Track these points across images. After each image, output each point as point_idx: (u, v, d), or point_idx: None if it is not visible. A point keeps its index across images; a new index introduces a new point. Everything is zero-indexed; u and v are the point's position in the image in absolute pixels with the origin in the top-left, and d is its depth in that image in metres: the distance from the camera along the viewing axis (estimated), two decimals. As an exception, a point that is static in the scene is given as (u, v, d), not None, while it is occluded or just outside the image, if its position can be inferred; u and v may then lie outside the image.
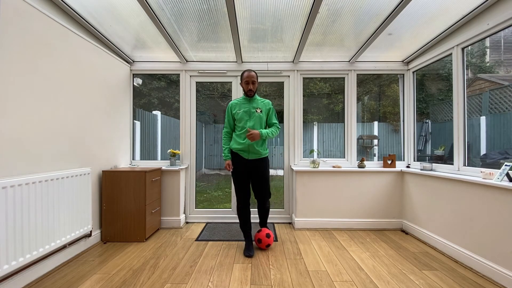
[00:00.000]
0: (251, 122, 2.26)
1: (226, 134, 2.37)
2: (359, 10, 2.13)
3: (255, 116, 2.28)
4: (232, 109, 2.33)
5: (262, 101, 2.36)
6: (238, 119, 2.28)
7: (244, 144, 2.24)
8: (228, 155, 2.32)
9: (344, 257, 2.19)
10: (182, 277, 1.85)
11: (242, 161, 2.28)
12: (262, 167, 2.30)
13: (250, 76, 2.24)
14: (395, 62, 3.09)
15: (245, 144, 2.24)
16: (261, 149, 2.28)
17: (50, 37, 1.92)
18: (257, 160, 2.29)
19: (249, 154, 2.27)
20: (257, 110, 2.29)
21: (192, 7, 2.12)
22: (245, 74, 2.26)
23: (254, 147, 2.24)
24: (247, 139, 2.21)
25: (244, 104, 2.31)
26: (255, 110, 2.28)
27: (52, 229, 1.87)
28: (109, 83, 2.67)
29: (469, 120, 2.66)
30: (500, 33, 2.67)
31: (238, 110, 2.29)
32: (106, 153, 2.63)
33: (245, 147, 2.24)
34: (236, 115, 2.29)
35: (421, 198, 2.60)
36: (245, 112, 2.28)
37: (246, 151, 2.26)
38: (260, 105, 2.32)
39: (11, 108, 1.62)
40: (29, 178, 1.67)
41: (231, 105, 2.35)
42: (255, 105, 2.31)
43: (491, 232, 1.85)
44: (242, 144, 2.25)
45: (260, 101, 2.35)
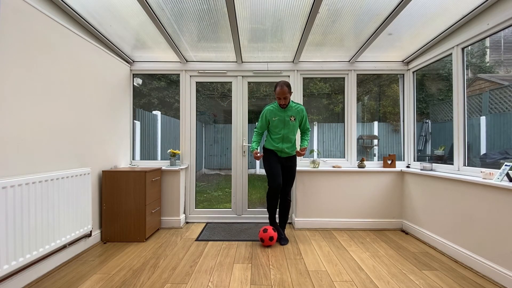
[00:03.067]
0: (285, 129, 2.47)
1: (257, 133, 2.58)
2: (359, 10, 2.13)
3: (290, 125, 2.46)
4: (268, 116, 2.50)
5: (296, 107, 2.48)
6: (273, 125, 2.49)
7: (278, 147, 2.51)
8: (255, 147, 2.54)
9: (344, 257, 2.19)
10: (182, 277, 1.85)
11: (277, 156, 2.55)
12: (291, 162, 2.58)
13: (282, 93, 2.35)
14: (395, 62, 3.09)
15: (279, 147, 2.51)
16: (291, 151, 2.55)
17: (50, 37, 1.92)
18: (288, 158, 2.56)
19: (281, 153, 2.54)
20: (291, 119, 2.45)
21: (192, 7, 2.12)
22: (277, 90, 2.36)
23: (286, 150, 2.51)
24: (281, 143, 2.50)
25: (279, 112, 2.47)
26: (289, 119, 2.45)
27: (52, 229, 1.87)
28: (109, 83, 2.67)
29: (469, 120, 2.66)
30: (500, 33, 2.67)
31: (274, 118, 2.47)
32: (106, 153, 2.63)
33: (279, 149, 2.52)
34: (272, 122, 2.49)
35: (421, 198, 2.60)
36: (280, 120, 2.46)
37: (280, 151, 2.53)
38: (294, 113, 2.47)
39: (11, 108, 1.62)
40: (29, 178, 1.67)
41: (267, 111, 2.50)
42: (290, 113, 2.46)
43: (491, 232, 1.85)
44: (276, 147, 2.52)
45: (294, 108, 2.47)
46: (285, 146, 2.49)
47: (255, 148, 2.54)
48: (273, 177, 2.46)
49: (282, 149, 2.49)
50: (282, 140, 2.49)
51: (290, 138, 2.49)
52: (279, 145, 2.49)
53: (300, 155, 2.47)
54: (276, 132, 2.49)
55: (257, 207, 3.33)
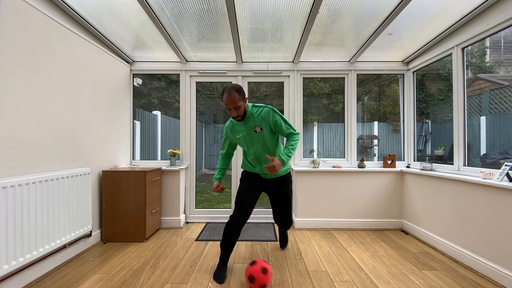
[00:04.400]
0: (254, 146, 1.84)
1: (222, 156, 2.03)
2: (359, 10, 2.13)
3: (257, 138, 1.82)
4: (229, 134, 1.93)
5: (258, 113, 1.81)
6: (241, 144, 1.93)
7: (255, 169, 1.92)
8: (218, 177, 1.96)
9: (344, 257, 2.19)
10: (182, 277, 1.85)
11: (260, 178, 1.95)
12: (283, 186, 1.92)
13: (230, 102, 1.67)
14: (395, 62, 3.09)
15: (257, 171, 1.92)
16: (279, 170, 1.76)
17: (50, 37, 1.92)
18: (276, 179, 1.93)
19: (266, 175, 1.93)
20: (256, 130, 1.81)
21: (192, 7, 2.12)
22: (224, 98, 1.69)
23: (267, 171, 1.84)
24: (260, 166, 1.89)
25: (238, 127, 1.85)
26: (254, 131, 1.81)
27: (52, 229, 1.87)
28: (109, 83, 2.67)
29: (469, 120, 2.66)
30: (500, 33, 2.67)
31: (237, 135, 1.87)
32: (106, 153, 2.63)
33: (258, 170, 1.91)
34: (236, 140, 1.93)
35: (421, 198, 2.60)
36: (243, 136, 1.85)
37: (261, 174, 1.92)
38: (258, 121, 1.81)
39: (11, 108, 1.62)
40: (29, 178, 1.67)
41: (226, 129, 1.94)
42: (252, 123, 1.81)
43: (491, 232, 1.85)
44: (254, 169, 1.93)
45: (256, 115, 1.81)
46: (263, 167, 1.88)
47: (220, 179, 1.95)
48: (237, 204, 1.85)
49: (262, 169, 1.90)
50: (258, 161, 1.89)
51: (265, 155, 1.83)
52: (256, 168, 1.92)
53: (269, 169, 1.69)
54: (246, 152, 1.96)
55: (257, 207, 3.33)
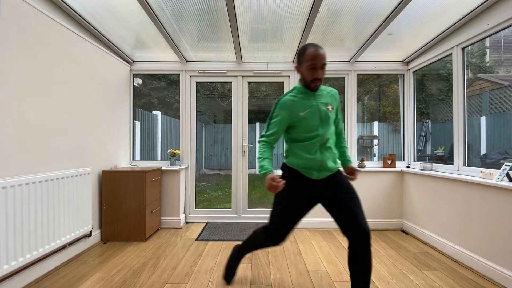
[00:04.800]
0: (323, 127, 1.43)
1: (266, 145, 1.45)
2: (359, 10, 2.13)
3: (329, 119, 1.44)
4: (290, 111, 1.42)
5: (328, 91, 1.51)
6: (302, 125, 1.43)
7: (314, 160, 1.41)
8: (270, 168, 1.39)
9: (344, 257, 2.19)
10: (182, 277, 1.85)
11: (306, 183, 1.44)
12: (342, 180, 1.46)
13: (320, 57, 1.34)
14: (395, 62, 3.09)
15: (317, 160, 1.41)
16: (335, 163, 1.47)
17: (50, 37, 1.92)
18: (330, 177, 1.46)
19: (319, 173, 1.44)
20: (328, 108, 1.45)
21: (192, 7, 2.12)
22: (309, 53, 1.35)
23: (327, 165, 1.42)
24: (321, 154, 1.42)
25: (306, 100, 1.43)
26: (326, 109, 1.44)
27: (52, 229, 1.87)
28: (109, 83, 2.67)
29: (469, 120, 2.66)
30: (500, 33, 2.68)
31: (302, 112, 1.42)
32: (106, 153, 2.63)
33: (316, 164, 1.42)
34: (299, 120, 1.42)
35: (421, 198, 2.60)
36: (312, 113, 1.42)
37: (316, 169, 1.43)
38: (328, 99, 1.47)
39: (11, 107, 1.62)
40: (29, 178, 1.67)
41: (287, 103, 1.43)
42: (323, 99, 1.45)
43: (491, 232, 1.85)
44: (312, 161, 1.42)
45: (325, 91, 1.50)
46: (325, 156, 1.42)
47: (270, 170, 1.37)
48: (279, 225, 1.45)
49: (322, 162, 1.41)
50: (320, 147, 1.43)
51: (332, 142, 1.47)
52: (316, 156, 1.41)
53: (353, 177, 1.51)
54: (306, 136, 1.43)
55: (257, 207, 3.33)
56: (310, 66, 1.35)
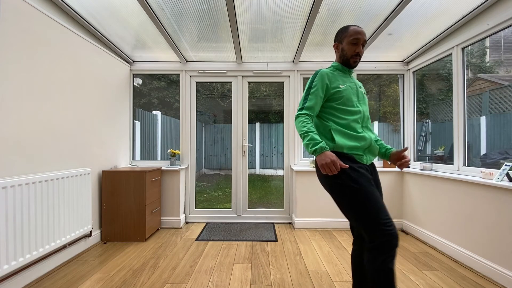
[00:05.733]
0: (363, 105, 1.37)
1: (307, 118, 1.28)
2: (359, 10, 2.13)
3: (364, 99, 1.42)
4: (331, 81, 1.34)
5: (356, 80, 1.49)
6: (341, 98, 1.32)
7: (364, 138, 1.30)
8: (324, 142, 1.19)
9: (344, 257, 2.19)
10: (182, 277, 1.85)
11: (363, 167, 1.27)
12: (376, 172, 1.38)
13: (363, 33, 1.34)
14: (395, 62, 3.09)
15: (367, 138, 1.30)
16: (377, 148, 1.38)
17: (50, 37, 1.92)
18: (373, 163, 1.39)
19: (367, 157, 1.32)
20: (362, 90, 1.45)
21: (192, 7, 2.12)
22: (352, 29, 1.34)
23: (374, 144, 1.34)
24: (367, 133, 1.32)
25: (344, 78, 1.39)
26: (360, 89, 1.43)
27: (52, 229, 1.87)
28: (109, 83, 2.67)
29: (469, 120, 2.66)
30: (500, 33, 2.67)
31: (341, 85, 1.34)
32: (106, 153, 2.63)
33: (366, 144, 1.30)
34: (338, 91, 1.33)
35: (421, 198, 2.60)
36: (351, 88, 1.37)
37: (368, 151, 1.32)
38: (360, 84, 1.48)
39: (11, 107, 1.62)
40: (29, 178, 1.67)
41: (326, 74, 1.35)
42: (357, 82, 1.46)
43: (491, 232, 1.85)
44: (362, 139, 1.29)
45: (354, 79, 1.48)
46: (372, 135, 1.35)
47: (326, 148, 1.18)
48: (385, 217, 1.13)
49: (370, 141, 1.31)
50: (362, 124, 1.34)
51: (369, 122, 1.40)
52: (362, 133, 1.31)
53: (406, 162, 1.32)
54: (347, 110, 1.31)
55: (257, 207, 3.33)
56: (353, 41, 1.33)
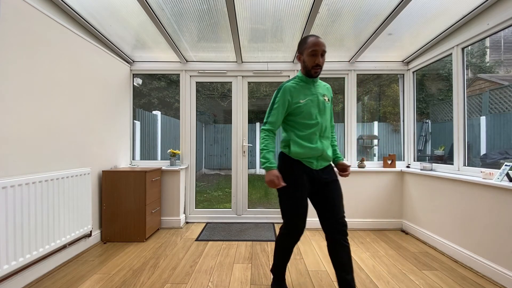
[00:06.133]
0: (322, 116, 1.48)
1: (269, 133, 1.48)
2: (359, 10, 2.13)
3: (325, 108, 1.50)
4: (292, 97, 1.45)
5: (323, 84, 1.59)
6: (302, 112, 1.45)
7: (316, 149, 1.45)
8: (274, 163, 1.42)
9: (344, 257, 2.19)
10: (182, 277, 1.85)
11: (307, 173, 1.48)
12: (333, 174, 1.52)
13: (320, 44, 1.40)
14: (395, 62, 3.09)
15: (319, 149, 1.46)
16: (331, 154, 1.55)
17: (50, 37, 1.92)
18: (325, 168, 1.52)
19: (318, 163, 1.49)
20: (325, 99, 1.52)
21: (192, 7, 2.12)
22: (310, 41, 1.41)
23: (326, 153, 1.49)
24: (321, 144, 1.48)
25: (306, 89, 1.49)
26: (323, 99, 1.50)
27: (52, 229, 1.87)
28: (109, 83, 2.67)
29: (469, 120, 2.66)
30: (500, 33, 2.68)
31: (302, 99, 1.46)
32: (106, 153, 2.63)
33: (318, 153, 1.46)
34: (298, 107, 1.45)
35: (421, 198, 2.60)
36: (311, 101, 1.46)
37: (316, 158, 1.48)
38: (325, 90, 1.55)
39: (11, 107, 1.62)
40: (29, 178, 1.67)
41: (288, 90, 1.46)
42: (321, 90, 1.52)
43: (491, 232, 1.85)
44: (314, 150, 1.45)
45: (322, 84, 1.57)
46: (324, 144, 1.48)
47: (275, 166, 1.42)
48: (295, 216, 1.45)
49: (322, 151, 1.47)
50: (320, 135, 1.48)
51: (328, 132, 1.52)
52: (316, 144, 1.46)
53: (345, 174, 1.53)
54: (306, 123, 1.46)
55: (257, 207, 3.33)
56: (311, 53, 1.41)
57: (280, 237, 1.55)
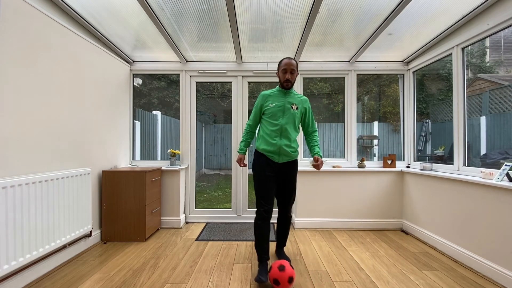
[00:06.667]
0: (284, 119, 1.92)
1: (248, 128, 2.06)
2: (359, 10, 2.13)
3: (290, 113, 1.93)
4: (264, 101, 1.99)
5: (299, 96, 2.03)
6: (269, 114, 1.94)
7: (274, 145, 1.90)
8: (243, 149, 2.05)
9: (344, 257, 2.19)
10: (182, 277, 1.85)
11: (271, 164, 1.94)
12: (293, 170, 2.00)
13: (289, 64, 1.91)
14: (395, 62, 3.09)
15: (276, 144, 1.90)
16: (291, 152, 1.94)
17: (50, 37, 1.92)
18: (288, 163, 1.97)
19: (279, 157, 1.93)
20: (292, 107, 1.95)
21: (192, 7, 2.12)
22: (283, 62, 1.94)
23: (284, 149, 1.91)
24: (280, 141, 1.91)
25: (278, 97, 1.97)
26: (290, 106, 1.94)
27: (52, 229, 1.87)
28: (109, 83, 2.67)
29: (469, 120, 2.66)
30: (500, 33, 2.67)
31: (271, 104, 1.94)
32: (106, 153, 2.63)
33: (276, 149, 1.90)
34: (267, 108, 1.95)
35: (421, 198, 2.60)
36: (278, 106, 1.93)
37: (277, 153, 1.92)
38: (296, 101, 1.98)
39: (11, 108, 1.62)
40: (29, 178, 1.67)
41: (262, 96, 2.01)
42: (291, 100, 1.97)
43: (491, 232, 1.85)
44: (273, 145, 1.91)
45: (297, 96, 2.02)
46: (283, 143, 1.90)
47: (243, 151, 2.04)
48: (261, 199, 1.90)
49: (279, 147, 1.89)
50: (280, 134, 1.90)
51: (290, 132, 1.92)
52: (275, 141, 1.90)
53: (318, 167, 1.92)
54: (271, 122, 1.92)
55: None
56: (283, 71, 1.94)
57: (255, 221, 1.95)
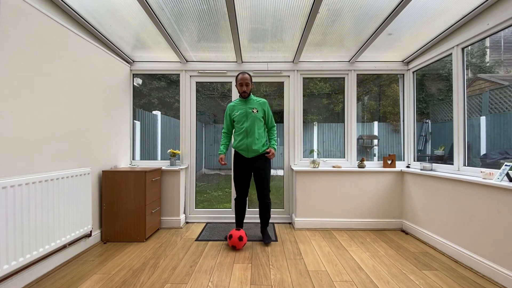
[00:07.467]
0: (248, 122, 2.42)
1: (224, 134, 2.59)
2: (359, 10, 2.13)
3: (252, 117, 2.42)
4: (230, 112, 2.50)
5: (257, 100, 2.49)
6: (236, 120, 2.46)
7: (242, 144, 2.42)
8: (223, 150, 2.56)
9: (344, 257, 2.19)
10: (182, 277, 1.85)
11: (243, 159, 2.48)
12: (262, 163, 2.47)
13: (244, 79, 2.39)
14: (395, 62, 3.09)
15: (244, 143, 2.41)
16: (258, 148, 2.42)
17: (50, 37, 1.92)
18: (256, 158, 2.46)
19: (248, 153, 2.44)
20: (253, 110, 2.43)
21: (192, 7, 2.12)
22: (239, 77, 2.41)
23: (251, 147, 2.40)
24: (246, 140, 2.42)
25: (240, 105, 2.47)
26: (251, 110, 2.43)
27: (52, 229, 1.87)
28: (109, 83, 2.67)
29: (469, 120, 2.66)
30: (500, 33, 2.67)
31: (236, 112, 2.45)
32: (106, 153, 2.63)
33: (245, 147, 2.42)
34: (234, 116, 2.46)
35: (421, 198, 2.60)
36: (242, 113, 2.43)
37: (245, 150, 2.43)
38: (255, 105, 2.46)
39: (11, 108, 1.62)
40: (29, 178, 1.67)
41: (228, 107, 2.53)
42: (251, 105, 2.45)
43: (491, 232, 1.85)
44: (242, 144, 2.42)
45: (255, 101, 2.48)
46: (249, 140, 2.39)
47: (223, 152, 2.54)
48: (236, 188, 2.52)
49: (247, 145, 2.40)
50: (246, 135, 2.40)
51: (254, 131, 2.40)
52: (243, 141, 2.41)
53: (269, 156, 2.45)
54: (239, 127, 2.44)
55: (257, 207, 3.32)
56: (239, 84, 2.43)
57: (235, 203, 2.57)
